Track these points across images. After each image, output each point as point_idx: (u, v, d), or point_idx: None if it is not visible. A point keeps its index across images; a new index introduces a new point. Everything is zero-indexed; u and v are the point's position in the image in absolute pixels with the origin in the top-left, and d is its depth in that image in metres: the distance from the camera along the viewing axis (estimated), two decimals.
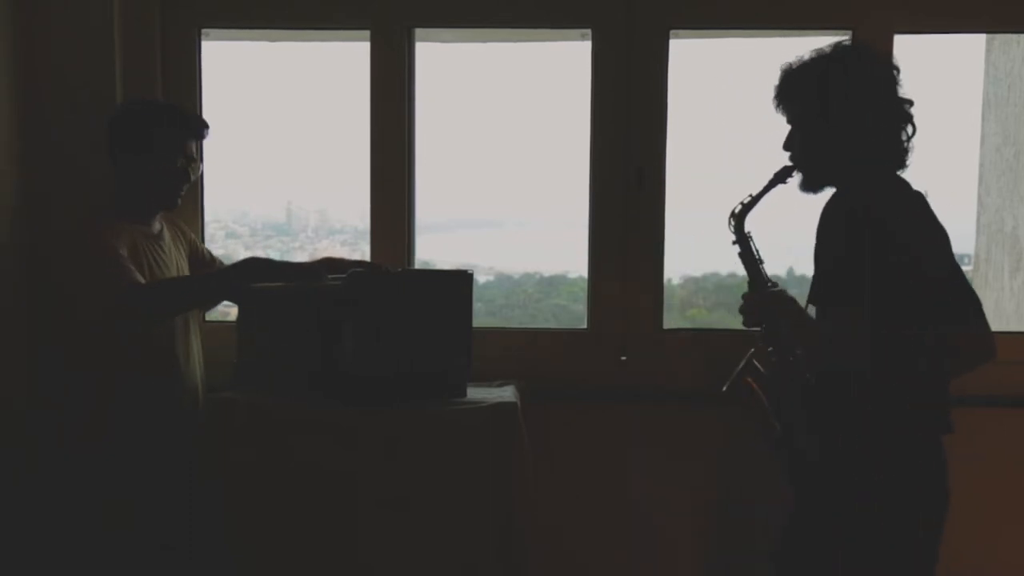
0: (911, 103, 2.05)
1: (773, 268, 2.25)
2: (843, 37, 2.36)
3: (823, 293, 1.98)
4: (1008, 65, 3.97)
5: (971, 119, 3.97)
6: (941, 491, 2.01)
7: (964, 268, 4.41)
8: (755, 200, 2.20)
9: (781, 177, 2.15)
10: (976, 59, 3.85)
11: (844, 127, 2.01)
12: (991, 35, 3.83)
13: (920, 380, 1.97)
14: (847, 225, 1.93)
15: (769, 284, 2.21)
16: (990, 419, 2.73)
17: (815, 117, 2.05)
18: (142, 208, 2.45)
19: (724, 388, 2.27)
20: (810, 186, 2.11)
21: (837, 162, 2.05)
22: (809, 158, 2.10)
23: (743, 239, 2.22)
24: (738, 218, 2.21)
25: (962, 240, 4.32)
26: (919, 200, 2.02)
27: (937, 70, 3.34)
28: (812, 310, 2.07)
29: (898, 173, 2.06)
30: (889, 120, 2.02)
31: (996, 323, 4.09)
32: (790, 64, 2.08)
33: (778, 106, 2.12)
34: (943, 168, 3.77)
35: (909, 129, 2.04)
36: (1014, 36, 3.83)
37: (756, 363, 2.26)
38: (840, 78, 2.01)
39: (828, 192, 2.08)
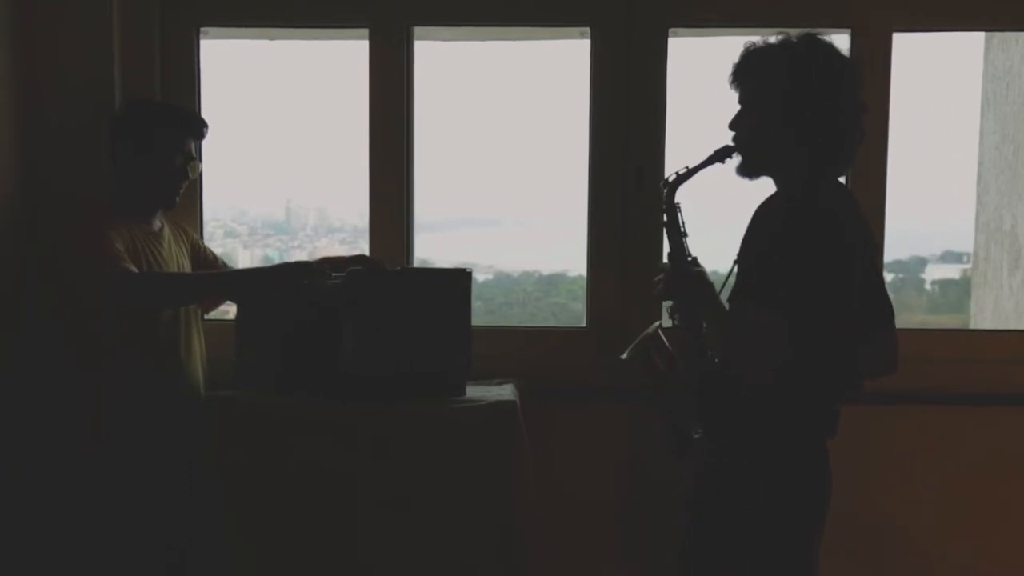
0: (866, 109, 2.01)
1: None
2: (843, 35, 2.36)
3: (756, 285, 1.95)
4: (1007, 63, 3.97)
5: (970, 117, 3.98)
6: (821, 493, 2.00)
7: (963, 266, 4.42)
8: (690, 173, 2.13)
9: (720, 156, 2.08)
10: (975, 57, 3.85)
11: (800, 117, 1.95)
12: (990, 33, 3.83)
13: (823, 382, 1.95)
14: (801, 221, 1.89)
15: (689, 259, 2.17)
16: (991, 418, 2.73)
17: (773, 101, 1.97)
18: (142, 207, 2.46)
19: (624, 356, 2.26)
20: (748, 171, 2.06)
21: (782, 152, 1.99)
22: (755, 143, 2.03)
23: (671, 209, 2.16)
24: (670, 188, 2.15)
25: (961, 238, 4.33)
26: (857, 205, 2.00)
27: (936, 68, 3.34)
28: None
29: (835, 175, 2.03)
30: (843, 120, 1.97)
31: (995, 322, 4.07)
32: (754, 44, 2.01)
33: (734, 83, 2.04)
34: (942, 166, 3.78)
35: (857, 135, 1.99)
36: (1013, 34, 3.83)
37: (662, 336, 2.25)
38: (807, 66, 1.95)
39: (762, 181, 2.05)
